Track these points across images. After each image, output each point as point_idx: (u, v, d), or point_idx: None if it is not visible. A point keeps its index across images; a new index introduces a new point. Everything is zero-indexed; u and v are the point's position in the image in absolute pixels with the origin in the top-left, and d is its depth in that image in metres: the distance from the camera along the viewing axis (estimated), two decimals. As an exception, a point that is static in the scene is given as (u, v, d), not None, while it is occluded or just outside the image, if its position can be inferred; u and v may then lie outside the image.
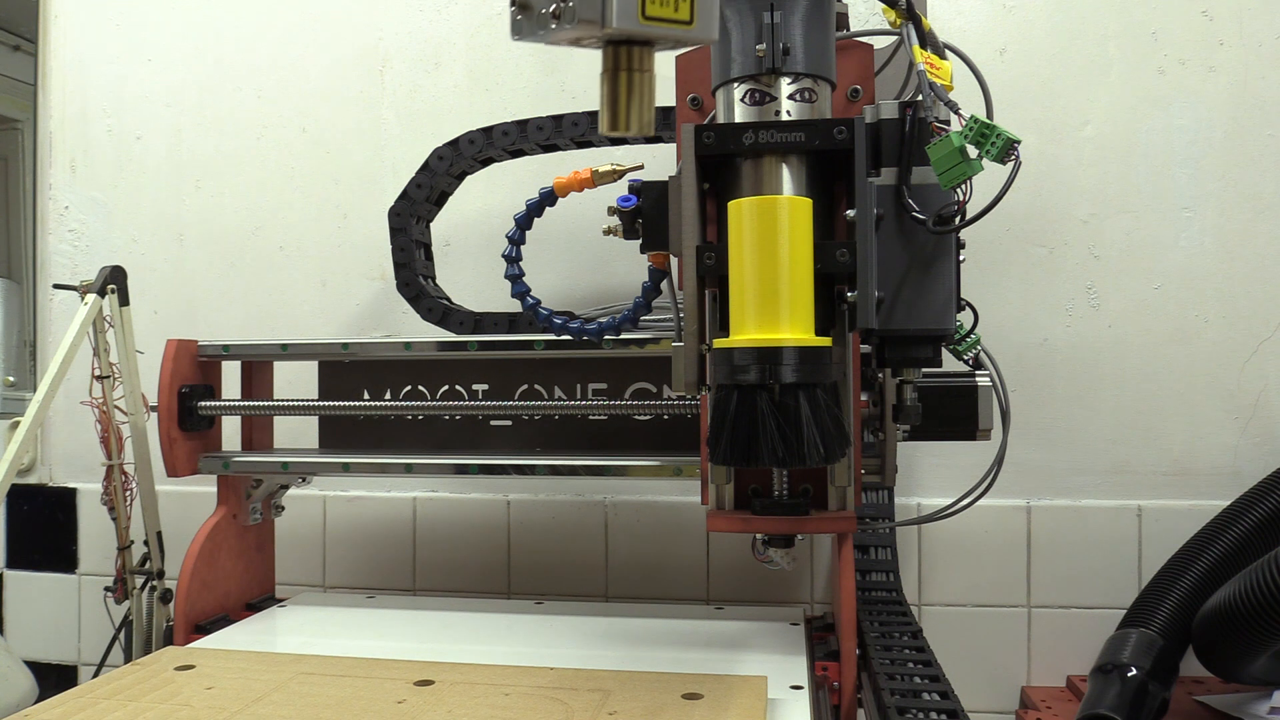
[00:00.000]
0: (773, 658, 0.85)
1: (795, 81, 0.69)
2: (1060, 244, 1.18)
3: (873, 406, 0.83)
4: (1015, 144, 0.59)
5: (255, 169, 1.39)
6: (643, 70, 0.56)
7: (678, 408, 0.94)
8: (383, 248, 1.16)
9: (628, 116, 0.56)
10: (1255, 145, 1.15)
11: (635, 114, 0.56)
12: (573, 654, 0.87)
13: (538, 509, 1.28)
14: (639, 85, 0.56)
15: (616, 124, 0.56)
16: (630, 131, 0.57)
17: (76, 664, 1.42)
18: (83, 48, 1.44)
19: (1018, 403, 1.14)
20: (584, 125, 1.06)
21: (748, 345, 0.61)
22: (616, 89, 0.56)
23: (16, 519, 1.45)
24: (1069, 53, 1.19)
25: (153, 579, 1.09)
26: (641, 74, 0.56)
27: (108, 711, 0.67)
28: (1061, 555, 1.17)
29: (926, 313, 0.66)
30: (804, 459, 0.61)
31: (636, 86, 0.56)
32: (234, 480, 1.06)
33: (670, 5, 0.54)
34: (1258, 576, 0.87)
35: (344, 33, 1.36)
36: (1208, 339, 1.16)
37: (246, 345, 1.07)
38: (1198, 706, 1.01)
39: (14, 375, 1.56)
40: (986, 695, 1.17)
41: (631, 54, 0.56)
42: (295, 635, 0.96)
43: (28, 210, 1.49)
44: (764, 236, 0.61)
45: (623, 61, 0.56)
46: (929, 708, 0.70)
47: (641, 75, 0.56)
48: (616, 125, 0.56)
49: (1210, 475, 1.15)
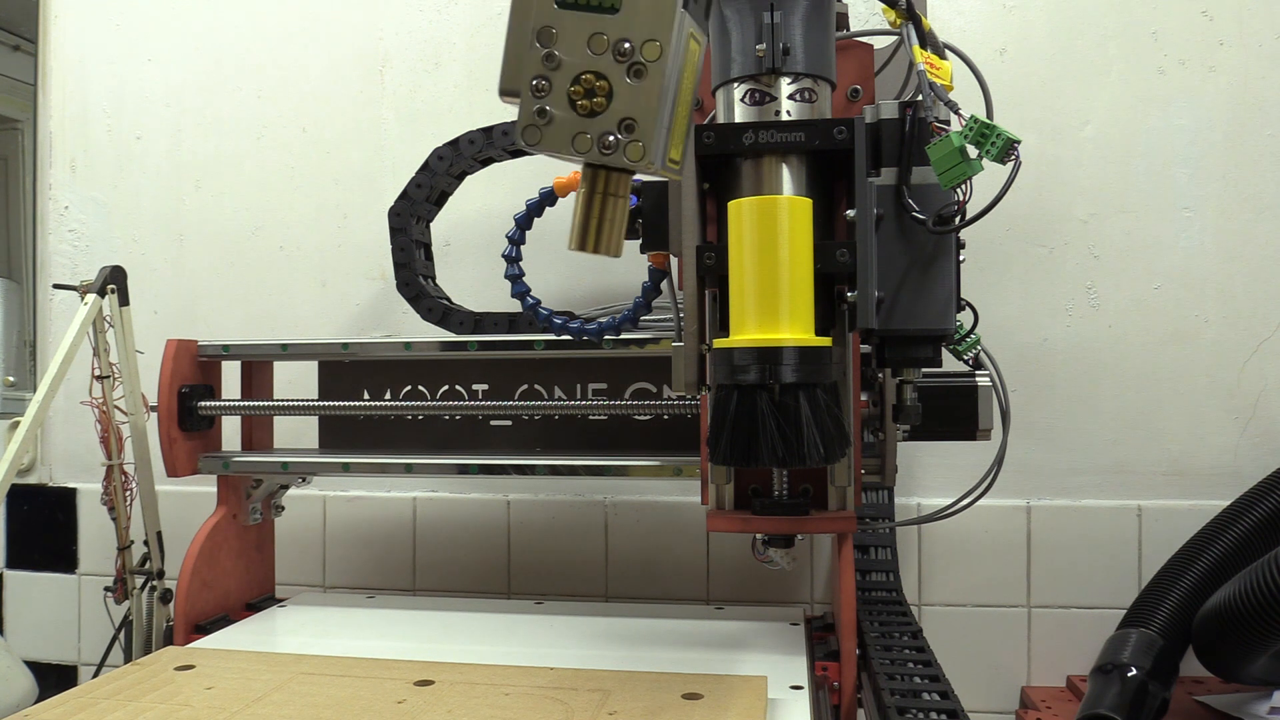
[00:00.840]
0: (773, 658, 0.85)
1: (795, 81, 0.69)
2: (1060, 244, 1.18)
3: (873, 406, 0.83)
4: (1015, 144, 0.59)
5: (255, 169, 1.39)
6: (619, 195, 0.57)
7: (678, 408, 0.94)
8: (383, 248, 1.16)
9: (597, 238, 0.57)
10: (1255, 145, 1.15)
11: (606, 236, 0.57)
12: (573, 654, 0.87)
13: (538, 509, 1.28)
14: (613, 209, 0.57)
15: (585, 244, 0.57)
16: (598, 253, 0.57)
17: (76, 664, 1.42)
18: (83, 48, 1.44)
19: (1018, 403, 1.14)
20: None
21: (748, 345, 0.61)
22: (591, 211, 0.56)
23: (16, 519, 1.45)
24: (1069, 53, 1.19)
25: (153, 579, 1.09)
26: (618, 199, 0.57)
27: (108, 711, 0.67)
28: (1061, 555, 1.17)
29: (926, 313, 0.66)
30: (804, 459, 0.61)
31: (610, 210, 0.56)
32: (234, 480, 1.06)
33: (678, 148, 0.57)
34: (1258, 576, 0.87)
35: (344, 33, 1.36)
36: (1208, 339, 1.16)
37: (246, 345, 1.07)
38: (1198, 706, 1.01)
39: (14, 375, 1.56)
40: (986, 695, 1.17)
41: (610, 179, 0.56)
42: (295, 635, 0.96)
43: (28, 210, 1.49)
44: (764, 236, 0.61)
45: (600, 185, 0.56)
46: (929, 708, 0.70)
47: (617, 200, 0.57)
48: (585, 245, 0.57)
49: (1210, 475, 1.15)
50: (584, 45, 0.53)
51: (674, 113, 0.55)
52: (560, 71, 0.53)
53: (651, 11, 0.53)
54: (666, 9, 0.54)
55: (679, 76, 0.55)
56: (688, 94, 0.57)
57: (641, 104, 0.53)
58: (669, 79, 0.54)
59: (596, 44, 0.53)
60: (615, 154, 0.54)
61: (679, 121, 0.56)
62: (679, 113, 0.56)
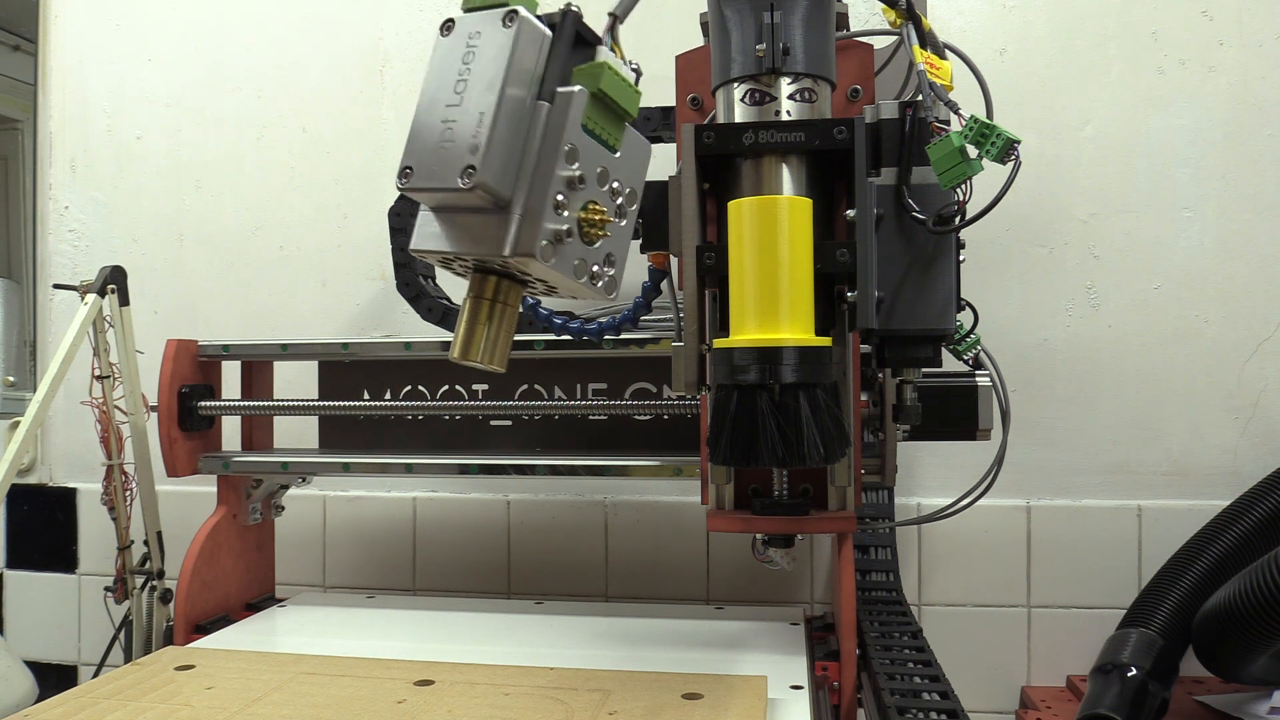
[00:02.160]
0: (773, 658, 0.85)
1: (795, 81, 0.69)
2: (1060, 244, 1.18)
3: (873, 406, 0.83)
4: (1015, 144, 0.59)
5: (255, 169, 1.39)
6: (508, 304, 0.54)
7: (678, 408, 0.94)
8: (383, 248, 1.16)
9: (480, 347, 0.54)
10: (1255, 145, 1.15)
11: (491, 346, 0.54)
12: (573, 654, 0.87)
13: (538, 509, 1.28)
14: (500, 317, 0.54)
15: (468, 352, 0.54)
16: (479, 364, 0.54)
17: (76, 664, 1.42)
18: (83, 48, 1.44)
19: (1018, 403, 1.14)
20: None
21: (748, 345, 0.61)
22: (477, 317, 0.54)
23: (16, 519, 1.45)
24: (1069, 53, 1.19)
25: (153, 579, 1.09)
26: (506, 307, 0.54)
27: (108, 711, 0.67)
28: (1061, 555, 1.17)
29: (926, 313, 0.66)
30: (804, 459, 0.61)
31: (497, 317, 0.54)
32: (234, 480, 1.06)
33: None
34: (1258, 576, 0.87)
35: (344, 33, 1.36)
36: (1208, 339, 1.16)
37: (246, 345, 1.07)
38: (1198, 706, 1.01)
39: (14, 375, 1.56)
40: (986, 695, 1.17)
41: (501, 285, 0.54)
42: (295, 635, 0.96)
43: (28, 210, 1.49)
44: (764, 236, 0.61)
45: (489, 291, 0.54)
46: (929, 708, 0.70)
47: (506, 309, 0.54)
48: (468, 354, 0.54)
49: (1210, 475, 1.15)
50: (595, 176, 0.54)
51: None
52: (577, 195, 0.53)
53: (636, 161, 0.57)
54: (644, 161, 0.58)
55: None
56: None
57: (619, 243, 0.56)
58: (632, 226, 0.57)
59: (602, 178, 0.54)
60: (596, 286, 0.54)
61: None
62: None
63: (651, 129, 1.01)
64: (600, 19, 0.61)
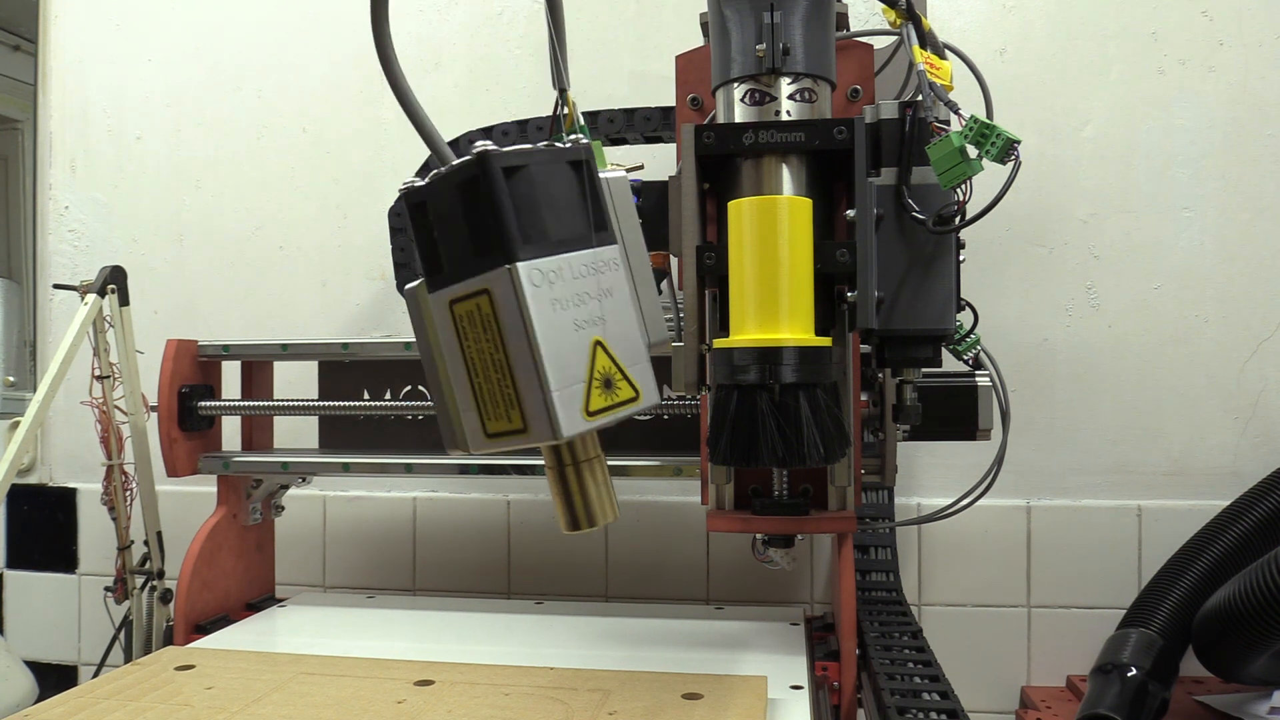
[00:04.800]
0: (773, 658, 0.85)
1: (795, 81, 0.69)
2: (1060, 244, 1.18)
3: (873, 406, 0.83)
4: (1015, 144, 0.59)
5: (255, 169, 1.39)
6: (590, 459, 0.50)
7: (678, 408, 0.94)
8: (383, 248, 1.16)
9: (588, 511, 0.50)
10: (1255, 146, 1.15)
11: (597, 506, 0.50)
12: (573, 654, 0.87)
13: (538, 509, 1.28)
14: (590, 474, 0.50)
15: (578, 523, 0.50)
16: (596, 526, 0.50)
17: (76, 664, 1.42)
18: (83, 48, 1.44)
19: (1018, 403, 1.14)
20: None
21: (748, 345, 0.61)
22: (568, 485, 0.49)
23: (16, 519, 1.45)
24: (1069, 53, 1.19)
25: (153, 579, 1.09)
26: (590, 462, 0.50)
27: (108, 711, 0.67)
28: (1061, 555, 1.17)
29: (926, 313, 0.66)
30: (804, 459, 0.61)
31: (588, 476, 0.49)
32: (234, 480, 1.06)
33: (503, 416, 0.47)
34: (1258, 576, 0.87)
35: (344, 33, 1.36)
36: (1208, 339, 1.16)
37: (246, 345, 1.07)
38: (1198, 706, 1.01)
39: (14, 375, 1.56)
40: (986, 695, 1.17)
41: (574, 445, 0.49)
42: (295, 635, 0.96)
43: (28, 210, 1.49)
44: (764, 236, 0.61)
45: (566, 456, 0.49)
46: (929, 708, 0.70)
47: (591, 463, 0.50)
48: (578, 524, 0.50)
49: (1210, 475, 1.15)
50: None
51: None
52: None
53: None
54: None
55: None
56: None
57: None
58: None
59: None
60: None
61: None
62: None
63: (652, 129, 1.01)
64: (605, 21, 0.61)
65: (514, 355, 0.45)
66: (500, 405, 0.47)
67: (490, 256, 0.45)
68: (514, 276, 0.44)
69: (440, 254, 0.47)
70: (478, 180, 0.46)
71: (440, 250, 0.47)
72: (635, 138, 1.03)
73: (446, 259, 0.47)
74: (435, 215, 0.47)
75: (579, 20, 1.25)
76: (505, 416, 0.47)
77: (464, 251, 0.46)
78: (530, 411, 0.45)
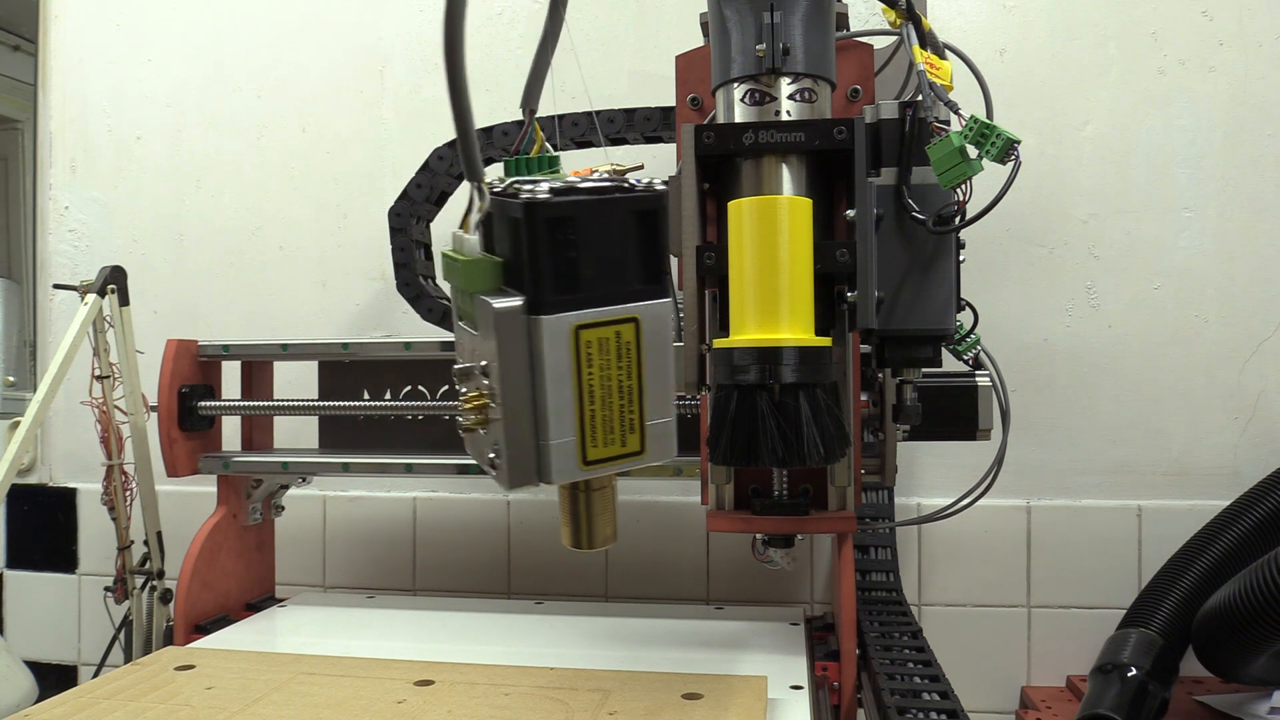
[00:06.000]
0: (773, 658, 0.85)
1: (795, 81, 0.69)
2: (1060, 244, 1.18)
3: (873, 406, 0.83)
4: (1015, 144, 0.60)
5: (255, 169, 1.39)
6: (603, 487, 0.51)
7: (678, 408, 0.94)
8: (383, 248, 1.16)
9: (591, 535, 0.52)
10: (1255, 146, 1.15)
11: (600, 531, 0.52)
12: (573, 654, 0.87)
13: (537, 509, 1.28)
14: (601, 501, 0.51)
15: (580, 544, 0.52)
16: (595, 549, 0.52)
17: (76, 664, 1.42)
18: (83, 48, 1.44)
19: (1018, 403, 1.14)
20: (583, 125, 1.06)
21: (748, 345, 0.61)
22: (578, 508, 0.51)
23: (16, 519, 1.45)
24: (1069, 53, 1.19)
25: (153, 579, 1.09)
26: (603, 490, 0.51)
27: (108, 711, 0.67)
28: (1061, 555, 1.17)
29: (926, 313, 0.66)
30: (804, 459, 0.61)
31: (598, 502, 0.51)
32: (234, 480, 1.06)
33: (617, 441, 0.47)
34: (1258, 576, 0.87)
35: (344, 33, 1.36)
36: (1208, 339, 1.16)
37: (246, 345, 1.07)
38: (1198, 706, 1.01)
39: (14, 375, 1.56)
40: (986, 695, 1.17)
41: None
42: (295, 635, 0.96)
43: (28, 210, 1.49)
44: (764, 236, 0.61)
45: (581, 483, 0.50)
46: (929, 708, 0.70)
47: (604, 491, 0.51)
48: (580, 545, 0.52)
49: (1210, 475, 1.15)
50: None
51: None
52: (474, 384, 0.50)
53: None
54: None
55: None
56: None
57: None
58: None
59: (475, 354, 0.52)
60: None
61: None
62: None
63: (652, 129, 1.01)
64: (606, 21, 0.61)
65: (650, 382, 0.47)
66: (616, 431, 0.47)
67: (647, 288, 0.46)
68: (668, 311, 0.47)
69: (579, 276, 0.45)
70: (657, 214, 0.46)
71: (580, 272, 0.45)
72: (635, 138, 1.03)
73: (585, 283, 0.45)
74: (585, 236, 0.45)
75: (579, 20, 1.25)
76: (620, 441, 0.47)
77: (612, 278, 0.46)
78: (653, 434, 0.48)
